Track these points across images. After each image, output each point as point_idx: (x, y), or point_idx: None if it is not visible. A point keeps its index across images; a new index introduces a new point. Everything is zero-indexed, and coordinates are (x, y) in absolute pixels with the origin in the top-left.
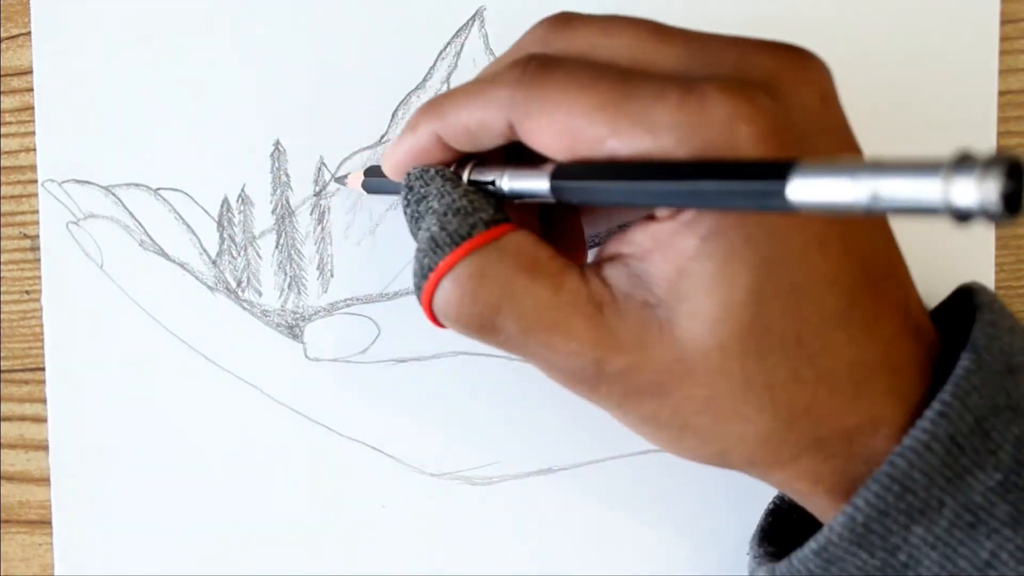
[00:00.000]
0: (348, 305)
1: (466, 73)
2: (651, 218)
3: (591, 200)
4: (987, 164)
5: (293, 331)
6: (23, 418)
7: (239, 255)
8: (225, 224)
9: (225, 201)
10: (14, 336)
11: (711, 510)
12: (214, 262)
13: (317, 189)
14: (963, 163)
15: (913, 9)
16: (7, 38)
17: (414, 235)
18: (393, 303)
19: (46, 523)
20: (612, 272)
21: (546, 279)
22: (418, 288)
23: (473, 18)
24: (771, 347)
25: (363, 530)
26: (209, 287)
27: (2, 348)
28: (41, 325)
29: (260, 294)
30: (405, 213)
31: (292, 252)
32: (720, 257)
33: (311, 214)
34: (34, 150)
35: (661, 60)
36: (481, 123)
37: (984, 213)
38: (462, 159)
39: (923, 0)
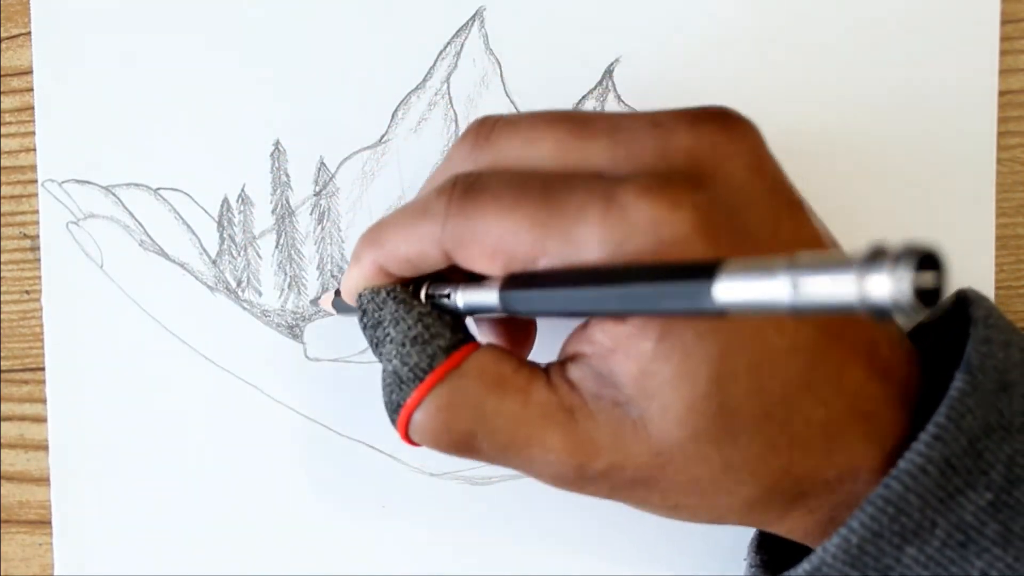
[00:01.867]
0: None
1: (466, 73)
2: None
3: (537, 311)
4: (897, 257)
5: (293, 331)
6: (23, 418)
7: (239, 255)
8: (225, 224)
9: (225, 201)
10: (14, 336)
11: None
12: (214, 262)
13: (317, 189)
14: (876, 258)
15: (913, 9)
16: (7, 38)
17: (377, 357)
18: None
19: (46, 523)
20: (577, 373)
21: (514, 394)
22: (392, 420)
23: (473, 18)
24: (741, 427)
25: (363, 530)
26: (209, 287)
27: (2, 348)
28: (41, 325)
29: (260, 294)
30: (364, 335)
31: (292, 252)
32: (677, 357)
33: (311, 214)
34: (34, 150)
35: (585, 160)
36: (418, 254)
37: (898, 309)
38: (419, 277)
39: (923, 0)
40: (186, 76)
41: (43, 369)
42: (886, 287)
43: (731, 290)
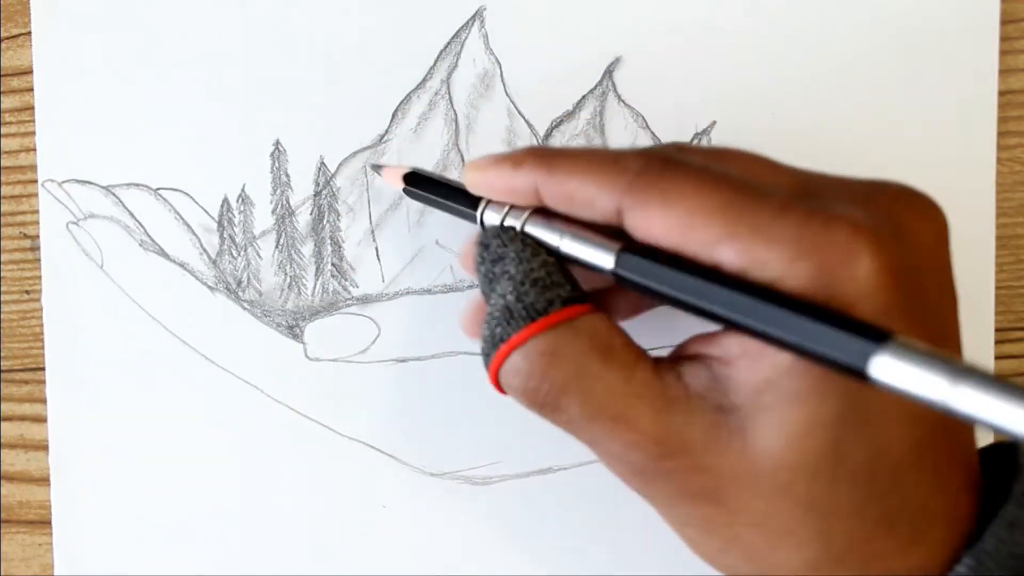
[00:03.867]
0: (348, 305)
1: (466, 73)
2: None
3: (655, 292)
4: None
5: (293, 331)
6: (23, 418)
7: (239, 255)
8: (225, 224)
9: (225, 201)
10: (14, 336)
11: None
12: (214, 262)
13: (317, 189)
14: None
15: (913, 9)
16: (7, 38)
17: (485, 294)
18: (393, 303)
19: (46, 523)
20: (690, 371)
21: (619, 367)
22: (486, 355)
23: (473, 18)
24: (843, 475)
25: (363, 530)
26: (209, 287)
27: (2, 348)
28: (41, 325)
29: (260, 294)
30: (478, 271)
31: (292, 252)
32: (814, 375)
33: (311, 214)
34: (34, 150)
35: (775, 187)
36: (590, 199)
37: None
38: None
39: (923, 0)
40: (186, 76)
41: (43, 369)
42: None
43: (891, 368)
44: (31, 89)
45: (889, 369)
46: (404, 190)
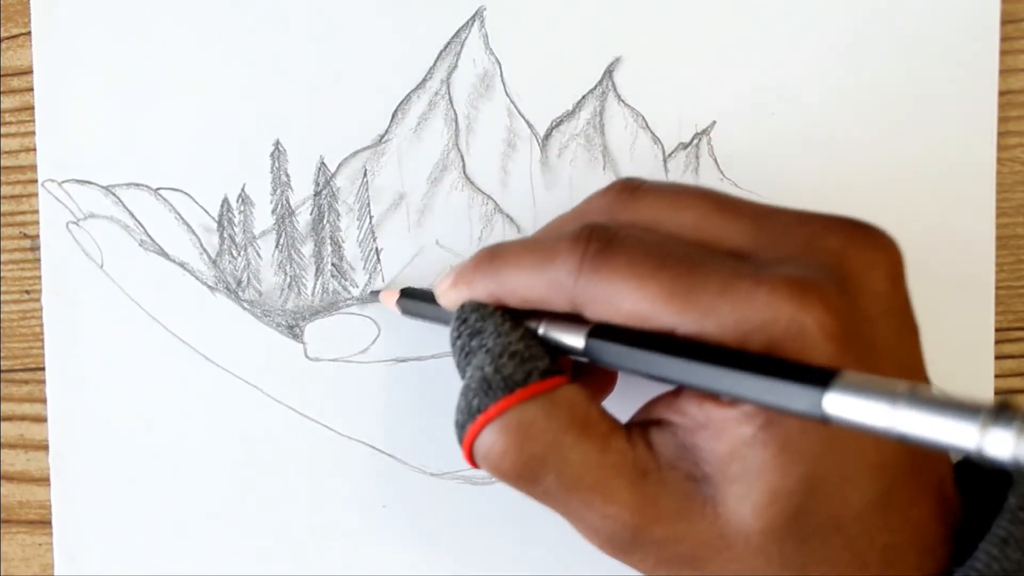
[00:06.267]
0: (348, 305)
1: (466, 73)
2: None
3: (626, 368)
4: None
5: (293, 331)
6: (23, 418)
7: (239, 255)
8: (225, 224)
9: (225, 201)
10: (14, 336)
11: None
12: (214, 262)
13: (317, 189)
14: (1002, 413)
15: (913, 9)
16: (7, 38)
17: (460, 368)
18: None
19: (46, 523)
20: (658, 438)
21: (594, 439)
22: (461, 427)
23: (473, 18)
24: (812, 532)
25: (363, 530)
26: (209, 287)
27: (2, 348)
28: (41, 325)
29: (260, 294)
30: (454, 344)
31: (292, 252)
32: (776, 446)
33: (311, 214)
34: (34, 150)
35: (726, 235)
36: (542, 299)
37: (1016, 465)
38: None
39: (923, 0)
40: (186, 76)
41: (43, 369)
42: (1009, 446)
43: (842, 403)
44: (31, 89)
45: (841, 406)
46: (398, 304)
